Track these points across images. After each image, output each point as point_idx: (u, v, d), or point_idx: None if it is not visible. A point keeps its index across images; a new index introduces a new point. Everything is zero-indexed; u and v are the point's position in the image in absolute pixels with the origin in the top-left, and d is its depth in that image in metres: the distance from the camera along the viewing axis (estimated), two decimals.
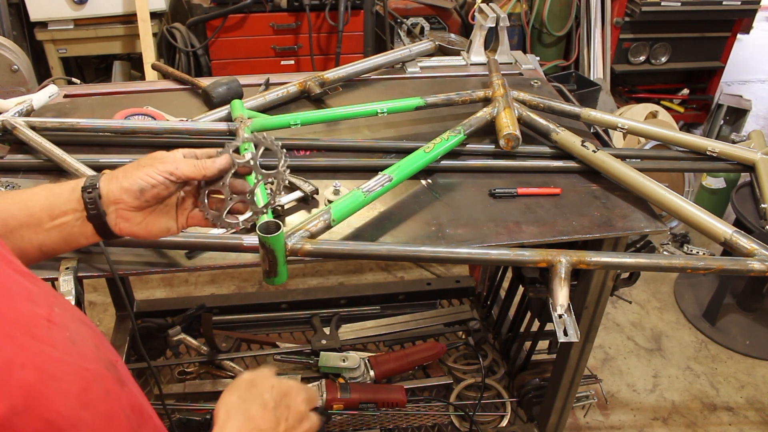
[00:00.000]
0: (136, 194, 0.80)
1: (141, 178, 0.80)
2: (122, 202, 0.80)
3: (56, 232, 0.80)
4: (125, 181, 0.80)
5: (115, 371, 0.69)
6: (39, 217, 0.79)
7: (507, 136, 1.39)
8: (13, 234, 0.79)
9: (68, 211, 0.80)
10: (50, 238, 0.80)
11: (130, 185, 0.80)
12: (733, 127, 3.64)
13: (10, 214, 0.79)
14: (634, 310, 2.67)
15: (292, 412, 0.78)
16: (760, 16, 4.75)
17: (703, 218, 1.23)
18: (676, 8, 3.42)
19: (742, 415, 2.23)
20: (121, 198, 0.80)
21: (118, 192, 0.80)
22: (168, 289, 2.67)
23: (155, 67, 2.04)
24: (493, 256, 1.14)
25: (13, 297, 0.60)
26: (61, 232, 0.80)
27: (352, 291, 2.26)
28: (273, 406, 0.76)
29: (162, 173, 0.81)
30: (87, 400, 0.61)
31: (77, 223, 0.80)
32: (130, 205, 0.81)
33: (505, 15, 1.83)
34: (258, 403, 0.76)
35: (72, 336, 0.64)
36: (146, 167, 0.81)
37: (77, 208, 0.80)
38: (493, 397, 1.97)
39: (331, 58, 3.00)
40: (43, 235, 0.79)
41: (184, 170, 0.83)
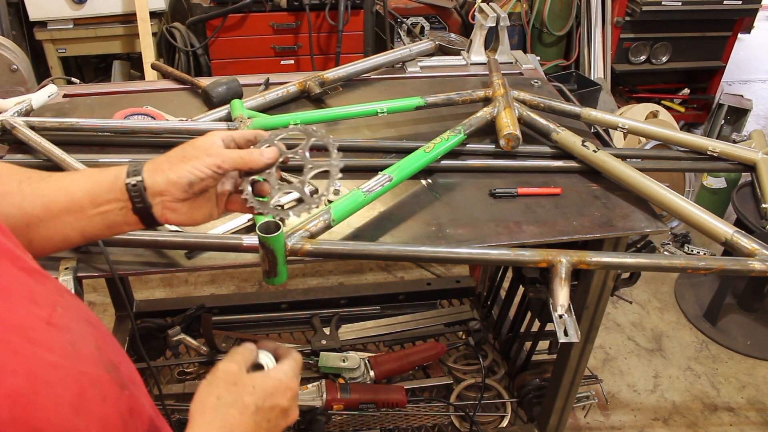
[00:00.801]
0: (185, 187, 0.79)
1: (189, 171, 0.79)
2: (168, 194, 0.79)
3: (99, 219, 0.79)
4: (172, 174, 0.79)
5: (116, 374, 0.68)
6: (81, 204, 0.78)
7: (507, 135, 1.39)
8: (55, 219, 0.78)
9: (111, 200, 0.79)
10: (93, 224, 0.79)
11: (178, 178, 0.79)
12: (734, 126, 3.64)
13: (52, 200, 0.78)
14: (635, 310, 2.66)
15: (274, 412, 0.75)
16: (760, 16, 4.75)
17: (703, 218, 1.23)
18: (677, 8, 3.42)
19: (743, 415, 2.22)
20: (168, 190, 0.79)
21: (165, 185, 0.79)
22: (168, 289, 2.67)
23: (155, 66, 2.04)
24: (493, 256, 1.14)
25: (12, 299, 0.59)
26: (104, 220, 0.79)
27: (352, 291, 2.25)
28: (253, 410, 0.72)
29: (210, 167, 0.79)
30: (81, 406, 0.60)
31: (121, 212, 0.79)
32: (176, 197, 0.80)
33: (505, 15, 1.83)
34: (237, 407, 0.72)
35: (72, 338, 0.63)
36: (193, 160, 0.79)
37: (120, 198, 0.79)
38: (493, 397, 1.96)
39: (331, 57, 2.99)
40: (85, 222, 0.78)
41: (231, 163, 0.81)
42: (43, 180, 0.81)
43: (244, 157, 0.82)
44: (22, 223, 0.77)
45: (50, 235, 0.78)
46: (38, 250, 0.79)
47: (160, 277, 2.69)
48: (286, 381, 0.77)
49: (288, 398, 0.76)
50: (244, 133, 0.87)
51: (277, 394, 0.75)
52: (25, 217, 0.77)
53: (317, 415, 1.76)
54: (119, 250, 1.11)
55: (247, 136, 0.86)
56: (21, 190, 0.78)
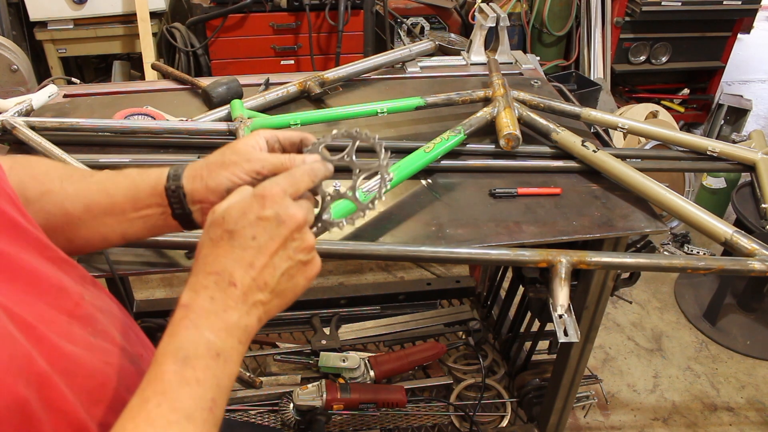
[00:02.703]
0: (223, 194, 0.75)
1: (227, 178, 0.75)
2: (207, 201, 0.76)
3: (140, 223, 0.78)
4: (211, 181, 0.76)
5: (139, 366, 0.70)
6: (122, 207, 0.77)
7: (507, 135, 1.39)
8: (96, 220, 0.77)
9: (152, 205, 0.78)
10: (133, 227, 0.78)
11: (216, 185, 0.75)
12: (734, 126, 3.64)
13: (93, 201, 0.78)
14: (635, 310, 2.66)
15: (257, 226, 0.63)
16: (760, 16, 4.74)
17: (703, 218, 1.23)
18: (677, 8, 3.42)
19: (743, 415, 2.22)
20: (207, 198, 0.76)
21: (204, 192, 0.76)
22: (168, 289, 2.67)
23: (155, 66, 2.04)
24: (493, 256, 1.14)
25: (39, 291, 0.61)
26: (145, 223, 0.79)
27: (352, 291, 2.25)
28: (227, 238, 0.63)
29: (249, 173, 0.75)
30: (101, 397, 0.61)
31: (161, 216, 0.78)
32: (215, 203, 0.75)
33: (505, 15, 1.83)
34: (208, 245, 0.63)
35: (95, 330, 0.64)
36: (231, 166, 0.75)
37: (161, 203, 0.77)
38: (493, 397, 1.97)
39: (331, 58, 2.99)
40: (126, 224, 0.78)
41: (272, 168, 0.76)
42: (84, 180, 0.80)
43: (285, 163, 0.76)
44: (63, 221, 0.77)
45: (90, 235, 0.78)
46: (77, 248, 0.80)
47: (160, 277, 2.69)
48: (259, 191, 0.65)
49: (269, 205, 0.64)
50: (290, 134, 0.81)
51: (252, 209, 0.64)
52: (67, 216, 0.77)
53: (317, 415, 1.76)
54: (119, 250, 1.11)
55: (293, 139, 0.81)
56: (63, 189, 0.78)
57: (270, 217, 0.63)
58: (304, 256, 0.66)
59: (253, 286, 0.62)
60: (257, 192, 0.64)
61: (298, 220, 0.65)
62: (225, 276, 0.61)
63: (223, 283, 0.61)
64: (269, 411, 1.86)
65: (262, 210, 0.63)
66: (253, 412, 1.86)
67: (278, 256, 0.64)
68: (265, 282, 0.63)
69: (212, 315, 0.60)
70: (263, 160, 0.76)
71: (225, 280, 0.61)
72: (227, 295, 0.61)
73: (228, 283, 0.61)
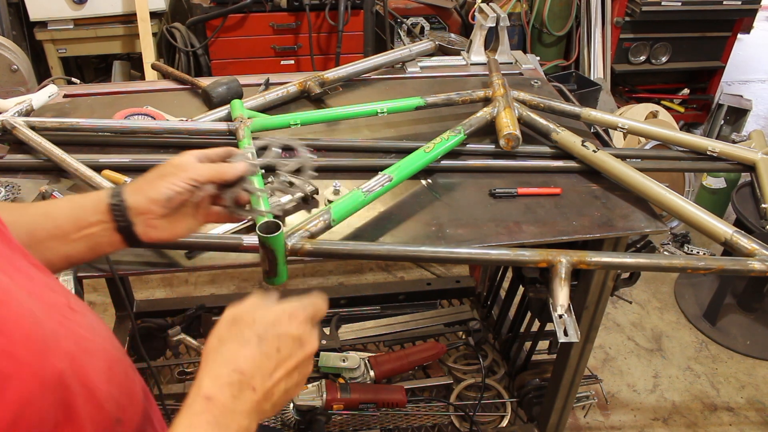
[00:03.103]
0: (164, 203, 0.84)
1: (167, 187, 0.84)
2: (150, 213, 0.84)
3: (83, 243, 0.82)
4: (152, 192, 0.83)
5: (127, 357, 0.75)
6: (65, 229, 0.81)
7: (507, 135, 1.39)
8: (41, 245, 0.81)
9: (95, 223, 0.82)
10: (76, 248, 0.82)
11: (157, 196, 0.83)
12: (734, 126, 3.64)
13: (38, 226, 0.81)
14: (635, 310, 2.66)
15: (283, 340, 0.68)
16: (760, 16, 4.74)
17: (703, 218, 1.23)
18: (677, 8, 3.42)
19: (743, 415, 2.22)
20: (149, 209, 0.83)
21: (146, 203, 0.83)
22: (168, 289, 2.67)
23: (155, 67, 2.04)
24: (493, 256, 1.14)
25: (38, 285, 0.64)
26: (88, 242, 0.83)
27: (352, 291, 2.25)
28: (256, 341, 0.67)
29: (186, 180, 0.84)
30: (112, 377, 0.66)
31: (105, 233, 0.83)
32: (158, 214, 0.85)
33: (505, 15, 1.83)
34: (237, 341, 0.67)
35: (90, 322, 0.69)
36: (169, 176, 0.84)
37: (104, 220, 0.83)
38: (493, 397, 1.97)
39: (331, 58, 2.99)
40: (69, 246, 0.82)
41: (206, 176, 0.87)
42: (24, 208, 0.85)
43: (217, 169, 0.88)
44: None
45: None
46: None
47: (160, 277, 2.69)
48: (290, 310, 0.72)
49: (296, 325, 0.70)
50: (217, 150, 0.92)
51: (282, 322, 0.70)
52: None
53: (317, 415, 1.76)
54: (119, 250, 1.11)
55: (220, 153, 0.92)
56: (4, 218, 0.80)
57: (296, 336, 0.70)
58: (304, 378, 0.72)
59: (267, 395, 0.66)
60: (288, 310, 0.71)
61: (314, 347, 0.71)
62: (248, 378, 0.64)
63: (246, 384, 0.64)
64: None
65: (290, 327, 0.70)
66: None
67: (291, 374, 0.69)
68: (273, 393, 0.67)
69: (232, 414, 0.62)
70: (197, 168, 0.86)
71: (248, 382, 0.64)
72: (246, 398, 0.64)
73: (250, 387, 0.64)
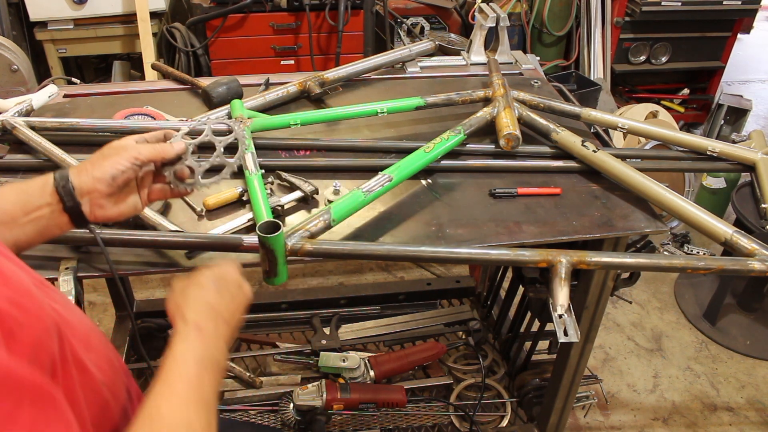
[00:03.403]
0: (109, 182, 0.88)
1: (111, 166, 0.88)
2: (96, 192, 0.88)
3: (31, 227, 0.85)
4: (96, 172, 0.88)
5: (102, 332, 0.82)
6: (12, 214, 0.84)
7: (507, 136, 1.39)
8: None
9: (42, 205, 0.85)
10: (25, 232, 0.85)
11: (102, 175, 0.88)
12: (734, 127, 3.64)
13: None
14: (635, 310, 2.66)
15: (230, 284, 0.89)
16: (760, 16, 4.74)
17: (703, 218, 1.23)
18: (677, 8, 3.42)
19: (743, 415, 2.22)
20: (95, 188, 0.87)
21: (91, 182, 0.87)
22: (168, 289, 2.67)
23: (155, 67, 2.04)
24: (493, 256, 1.14)
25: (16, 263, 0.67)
26: (36, 226, 0.86)
27: (352, 291, 2.26)
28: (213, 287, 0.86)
29: (129, 159, 0.90)
30: (90, 346, 0.72)
31: (52, 215, 0.86)
32: (103, 192, 0.89)
33: (505, 15, 1.83)
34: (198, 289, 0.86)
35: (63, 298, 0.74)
36: (113, 156, 0.90)
37: (51, 202, 0.86)
38: (493, 397, 1.97)
39: (331, 58, 2.99)
40: (17, 231, 0.84)
41: (147, 154, 0.92)
42: None
43: (157, 148, 0.94)
44: None
45: None
46: None
47: (160, 277, 2.69)
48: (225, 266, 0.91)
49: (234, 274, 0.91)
50: (155, 133, 0.99)
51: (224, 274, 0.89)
52: None
53: (317, 415, 1.76)
54: (119, 250, 1.11)
55: (158, 135, 0.99)
56: None
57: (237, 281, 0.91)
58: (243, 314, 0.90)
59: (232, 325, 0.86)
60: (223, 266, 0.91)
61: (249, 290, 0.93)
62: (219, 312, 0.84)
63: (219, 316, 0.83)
64: (269, 411, 1.86)
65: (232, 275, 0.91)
66: (253, 412, 1.86)
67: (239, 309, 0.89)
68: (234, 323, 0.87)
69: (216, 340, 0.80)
70: (138, 148, 0.92)
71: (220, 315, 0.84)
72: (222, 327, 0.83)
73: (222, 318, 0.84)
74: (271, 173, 1.32)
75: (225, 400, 1.87)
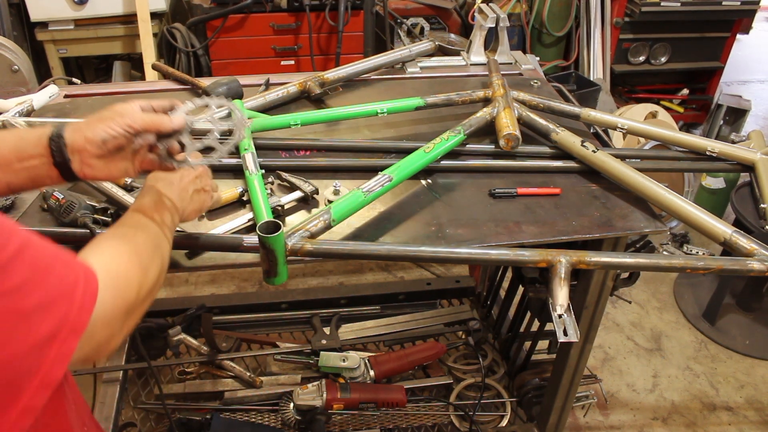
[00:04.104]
0: (99, 144, 0.89)
1: (103, 130, 0.89)
2: (86, 151, 0.89)
3: (24, 174, 0.88)
4: (89, 132, 0.89)
5: None
6: (8, 159, 0.86)
7: (507, 136, 1.39)
8: None
9: (35, 156, 0.87)
10: (18, 177, 0.88)
11: (93, 136, 0.89)
12: (733, 127, 3.65)
13: None
14: (634, 310, 2.67)
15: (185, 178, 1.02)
16: (759, 17, 4.75)
17: (702, 218, 1.23)
18: (676, 8, 3.42)
19: (742, 414, 2.23)
20: (85, 147, 0.89)
21: (82, 142, 0.88)
22: (168, 289, 2.67)
23: (155, 67, 2.04)
24: (493, 256, 1.14)
25: None
26: (29, 174, 0.88)
27: (352, 291, 2.26)
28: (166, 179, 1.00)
29: (122, 126, 0.90)
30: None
31: (43, 167, 0.88)
32: (93, 153, 0.90)
33: (505, 15, 1.83)
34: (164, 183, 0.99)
35: None
36: (108, 120, 0.90)
37: (44, 154, 0.87)
38: (493, 397, 1.97)
39: (331, 58, 3.00)
40: (11, 175, 0.87)
41: (141, 123, 0.93)
42: None
43: (154, 119, 0.94)
44: None
45: None
46: None
47: None
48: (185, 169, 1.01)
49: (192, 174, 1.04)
50: (162, 102, 0.99)
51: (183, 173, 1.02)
52: None
53: (317, 415, 1.76)
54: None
55: (163, 105, 0.99)
56: None
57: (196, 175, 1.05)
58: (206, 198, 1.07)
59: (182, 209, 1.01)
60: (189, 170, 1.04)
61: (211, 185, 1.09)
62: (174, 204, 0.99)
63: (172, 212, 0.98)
64: (269, 411, 1.86)
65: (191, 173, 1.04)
66: (253, 412, 1.86)
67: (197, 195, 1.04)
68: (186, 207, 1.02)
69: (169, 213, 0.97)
70: (135, 116, 0.92)
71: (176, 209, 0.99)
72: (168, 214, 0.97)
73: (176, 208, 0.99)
74: (271, 173, 1.32)
75: (225, 400, 1.87)
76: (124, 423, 1.84)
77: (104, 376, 1.89)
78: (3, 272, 0.54)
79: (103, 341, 0.68)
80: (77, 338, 0.62)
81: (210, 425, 1.74)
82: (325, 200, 1.27)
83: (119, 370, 1.90)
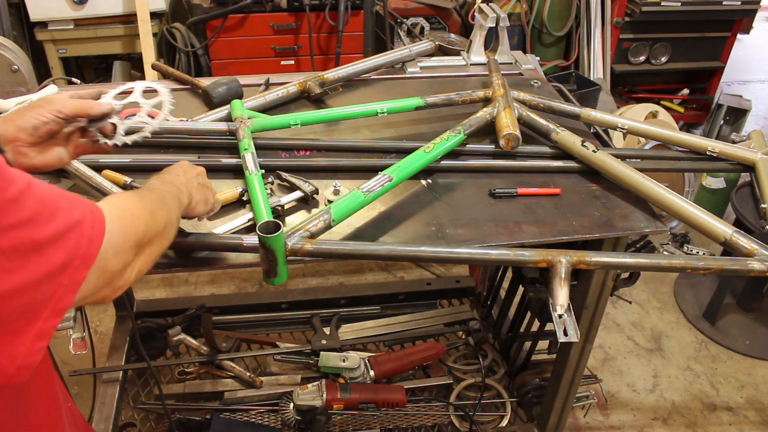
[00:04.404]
0: (31, 131, 0.91)
1: (34, 117, 0.91)
2: (19, 140, 0.91)
3: None
4: (20, 121, 0.91)
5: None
6: None
7: (507, 136, 1.39)
8: None
9: None
10: None
11: (24, 124, 0.91)
12: (733, 127, 3.65)
13: None
14: (634, 310, 2.67)
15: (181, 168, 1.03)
16: (760, 16, 4.74)
17: (703, 218, 1.23)
18: (676, 8, 3.42)
19: (742, 415, 2.23)
20: (18, 136, 0.90)
21: (14, 131, 0.90)
22: (168, 289, 2.67)
23: (155, 67, 2.04)
24: (493, 256, 1.14)
25: None
26: None
27: (352, 291, 2.26)
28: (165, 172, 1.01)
29: (51, 112, 0.93)
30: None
31: None
32: (26, 141, 0.92)
33: (505, 15, 1.83)
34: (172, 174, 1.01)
35: None
36: (37, 108, 0.93)
37: None
38: (493, 397, 1.97)
39: (331, 58, 3.00)
40: None
41: (71, 108, 0.95)
42: None
43: (83, 104, 0.97)
44: None
45: None
46: None
47: (160, 277, 2.70)
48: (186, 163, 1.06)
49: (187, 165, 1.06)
50: (89, 90, 1.05)
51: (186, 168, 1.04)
52: None
53: (317, 415, 1.76)
54: None
55: (92, 93, 1.04)
56: None
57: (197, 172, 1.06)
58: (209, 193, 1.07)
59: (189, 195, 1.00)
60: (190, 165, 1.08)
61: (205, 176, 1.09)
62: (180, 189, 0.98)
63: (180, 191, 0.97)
64: (269, 411, 1.86)
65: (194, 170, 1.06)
66: (253, 412, 1.86)
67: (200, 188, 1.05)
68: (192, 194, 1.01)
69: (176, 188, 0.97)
70: (63, 102, 0.95)
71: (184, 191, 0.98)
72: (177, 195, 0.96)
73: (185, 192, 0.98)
74: (271, 173, 1.32)
75: (225, 400, 1.87)
76: (124, 423, 1.83)
77: (104, 376, 1.89)
78: (16, 204, 0.57)
79: (116, 271, 0.70)
80: (87, 268, 0.64)
81: (210, 425, 1.74)
82: (325, 200, 1.27)
83: (119, 370, 1.90)
